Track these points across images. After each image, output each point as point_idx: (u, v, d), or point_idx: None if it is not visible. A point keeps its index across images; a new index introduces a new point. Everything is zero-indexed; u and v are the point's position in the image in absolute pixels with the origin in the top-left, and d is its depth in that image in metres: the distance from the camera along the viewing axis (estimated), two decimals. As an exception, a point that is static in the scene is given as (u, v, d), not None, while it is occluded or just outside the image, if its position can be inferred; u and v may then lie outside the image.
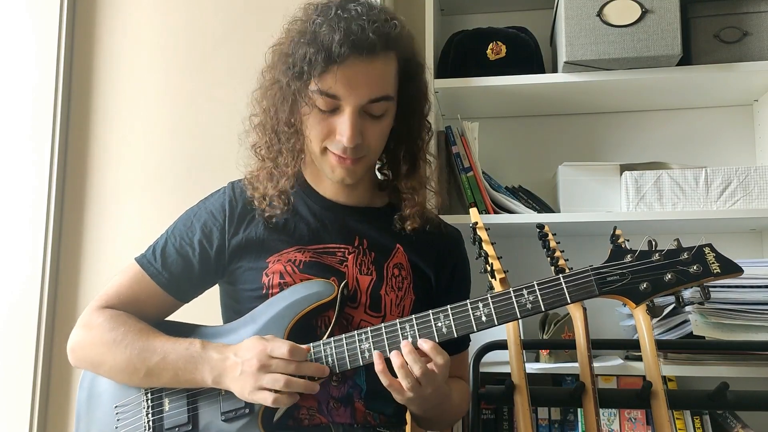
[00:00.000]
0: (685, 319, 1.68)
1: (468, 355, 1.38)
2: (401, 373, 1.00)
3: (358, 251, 1.18)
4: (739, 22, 1.83)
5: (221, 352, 1.06)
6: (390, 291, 1.17)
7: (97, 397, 1.18)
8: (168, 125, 2.04)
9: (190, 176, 1.99)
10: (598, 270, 1.01)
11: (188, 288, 1.21)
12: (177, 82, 2.05)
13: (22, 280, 1.99)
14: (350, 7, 1.09)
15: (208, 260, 1.19)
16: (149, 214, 1.98)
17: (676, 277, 0.98)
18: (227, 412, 1.08)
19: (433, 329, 1.03)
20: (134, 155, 2.04)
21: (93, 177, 2.05)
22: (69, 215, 2.04)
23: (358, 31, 1.05)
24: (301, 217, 1.20)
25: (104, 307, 1.17)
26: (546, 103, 2.02)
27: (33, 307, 1.97)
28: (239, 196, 1.22)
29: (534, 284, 1.02)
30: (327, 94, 1.08)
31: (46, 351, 1.97)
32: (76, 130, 2.07)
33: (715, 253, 0.99)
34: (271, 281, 1.15)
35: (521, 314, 1.01)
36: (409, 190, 1.20)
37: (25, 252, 2.00)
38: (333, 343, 1.06)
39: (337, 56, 1.04)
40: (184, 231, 1.21)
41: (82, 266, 2.02)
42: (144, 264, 1.19)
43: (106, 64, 2.09)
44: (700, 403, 1.56)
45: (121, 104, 2.07)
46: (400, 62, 1.13)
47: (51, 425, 1.96)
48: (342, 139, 1.09)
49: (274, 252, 1.16)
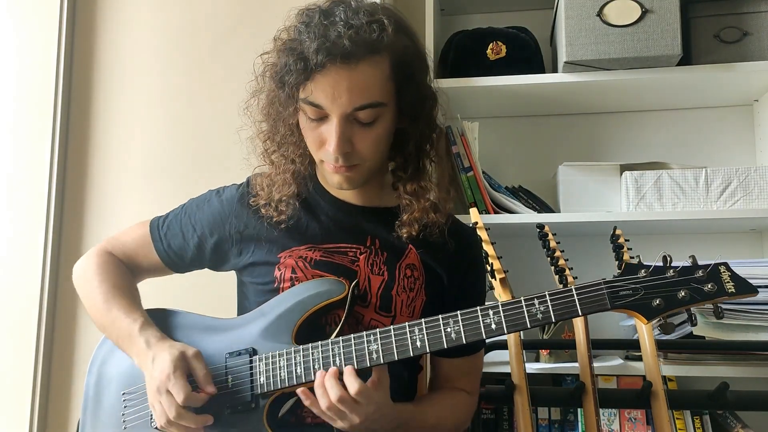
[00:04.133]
0: (686, 319, 1.68)
1: (477, 362, 1.28)
2: (318, 393, 1.01)
3: (370, 251, 1.18)
4: (739, 22, 1.83)
5: (148, 346, 1.11)
6: (401, 291, 1.16)
7: (106, 383, 1.21)
8: (168, 125, 2.04)
9: (190, 176, 1.99)
10: (610, 284, 0.99)
11: (180, 264, 1.28)
12: (177, 82, 2.05)
13: (22, 280, 1.99)
14: (335, 11, 1.07)
15: (203, 248, 1.24)
16: (149, 214, 1.98)
17: (690, 294, 0.97)
18: (233, 405, 1.09)
19: (442, 334, 1.02)
20: (134, 155, 2.04)
21: (93, 177, 2.05)
22: (69, 215, 2.04)
23: (335, 38, 1.02)
24: (313, 216, 1.20)
25: (107, 251, 1.29)
26: (546, 103, 2.02)
27: (33, 307, 1.97)
28: (252, 189, 1.24)
29: (546, 294, 1.00)
30: (311, 103, 1.07)
31: (46, 351, 1.97)
32: (76, 130, 2.07)
33: (730, 273, 0.98)
34: (283, 275, 1.16)
35: (531, 324, 1.00)
36: (411, 195, 1.17)
37: (25, 252, 2.00)
38: (341, 342, 1.06)
39: (315, 65, 1.03)
40: (193, 211, 1.26)
41: (82, 266, 2.02)
42: (152, 228, 1.28)
43: (106, 64, 2.09)
44: (700, 403, 1.56)
45: (121, 104, 2.07)
46: (393, 65, 1.08)
47: (51, 425, 1.96)
48: (329, 148, 1.08)
49: (285, 248, 1.17)
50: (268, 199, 1.18)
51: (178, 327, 1.20)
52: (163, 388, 1.06)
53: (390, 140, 1.15)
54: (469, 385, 1.26)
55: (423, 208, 1.16)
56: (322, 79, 1.04)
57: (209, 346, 1.15)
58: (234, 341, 1.14)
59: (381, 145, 1.13)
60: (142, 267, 1.29)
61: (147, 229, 1.28)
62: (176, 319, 1.21)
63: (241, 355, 1.11)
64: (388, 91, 1.09)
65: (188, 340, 1.17)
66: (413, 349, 1.02)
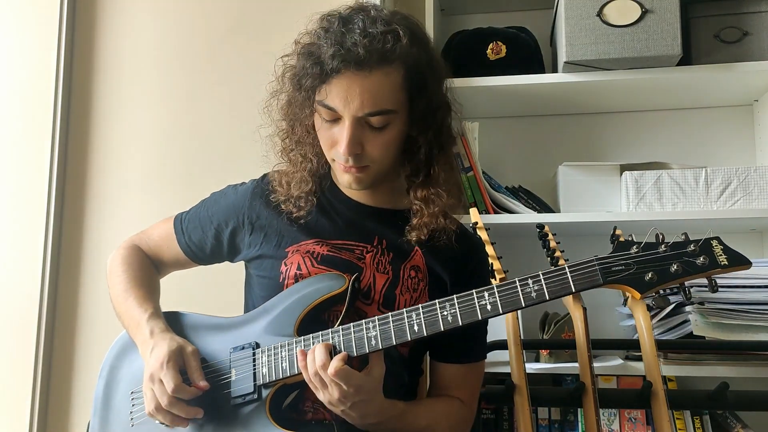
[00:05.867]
0: (685, 319, 1.68)
1: (476, 371, 1.26)
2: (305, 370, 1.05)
3: (377, 250, 1.20)
4: (739, 22, 1.83)
5: (151, 335, 1.16)
6: (405, 292, 1.18)
7: (115, 385, 1.24)
8: (168, 125, 2.04)
9: (190, 176, 1.99)
10: (603, 260, 1.01)
11: (202, 255, 1.33)
12: (177, 82, 2.05)
13: (22, 280, 1.99)
14: (354, 18, 1.10)
15: (221, 239, 1.29)
16: (149, 214, 1.98)
17: (682, 268, 0.98)
18: (236, 397, 1.12)
19: (438, 317, 1.03)
20: (134, 155, 2.05)
21: (93, 177, 2.05)
22: (69, 215, 2.04)
23: (350, 45, 1.06)
24: (325, 213, 1.24)
25: (135, 245, 1.37)
26: (546, 103, 2.02)
27: (33, 307, 1.97)
28: (267, 185, 1.28)
29: (539, 274, 1.03)
30: (326, 105, 1.11)
31: (46, 351, 1.97)
32: (76, 130, 2.07)
33: (722, 246, 0.99)
34: (288, 271, 1.18)
35: (526, 303, 1.02)
36: (421, 201, 1.19)
37: (25, 252, 2.00)
38: (341, 330, 1.07)
39: (330, 70, 1.07)
40: (212, 205, 1.32)
41: (82, 266, 2.02)
42: (175, 222, 1.34)
43: (106, 64, 2.09)
44: (700, 403, 1.56)
45: (121, 104, 2.07)
46: (405, 75, 1.11)
47: (51, 425, 1.96)
48: (340, 149, 1.12)
49: (294, 242, 1.20)
50: (287, 196, 1.23)
51: (185, 327, 1.23)
52: (156, 377, 1.09)
53: (400, 146, 1.18)
54: (466, 395, 1.25)
55: (432, 213, 1.19)
56: (337, 83, 1.08)
57: (216, 344, 1.18)
58: (238, 338, 1.17)
59: (390, 149, 1.16)
60: (166, 260, 1.36)
61: (171, 224, 1.34)
62: (186, 321, 1.25)
63: (245, 349, 1.14)
64: (399, 99, 1.12)
65: (195, 339, 1.19)
66: (411, 333, 1.04)
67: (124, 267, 1.30)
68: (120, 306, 1.26)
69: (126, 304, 1.25)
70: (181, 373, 1.10)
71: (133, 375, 1.21)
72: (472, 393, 1.27)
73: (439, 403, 1.23)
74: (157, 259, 1.37)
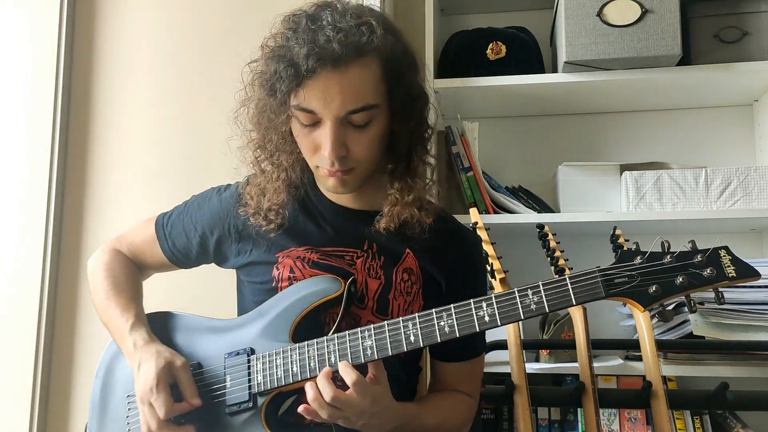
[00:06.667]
0: (685, 319, 1.68)
1: (476, 367, 1.26)
2: (315, 405, 1.00)
3: (367, 255, 1.18)
4: (739, 22, 1.83)
5: (134, 348, 1.14)
6: (398, 296, 1.16)
7: (111, 387, 1.22)
8: (168, 125, 2.04)
9: (190, 176, 1.99)
10: (605, 271, 0.97)
11: (187, 261, 1.30)
12: (177, 82, 2.05)
13: (22, 280, 1.99)
14: (322, 15, 1.06)
15: (206, 246, 1.26)
16: (149, 214, 1.97)
17: (688, 280, 0.94)
18: (231, 405, 1.10)
19: (435, 328, 1.02)
20: (134, 155, 2.05)
21: (93, 177, 2.05)
22: (69, 215, 2.04)
23: (324, 42, 1.02)
24: (312, 220, 1.20)
25: (116, 248, 1.33)
26: (546, 103, 2.02)
27: (33, 307, 1.97)
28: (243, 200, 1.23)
29: (539, 285, 0.99)
30: (304, 109, 1.06)
31: (46, 351, 1.97)
32: (76, 130, 2.07)
33: (731, 256, 0.94)
34: (281, 275, 1.16)
35: (525, 315, 0.99)
36: (396, 191, 1.16)
37: (25, 252, 2.00)
38: (336, 339, 1.06)
39: (305, 71, 1.03)
40: (195, 210, 1.28)
41: (82, 266, 2.02)
42: (157, 227, 1.30)
43: (106, 64, 2.09)
44: (700, 403, 1.56)
45: (121, 104, 2.07)
46: (383, 66, 1.07)
47: (51, 425, 1.96)
48: (325, 153, 1.08)
49: (283, 249, 1.18)
50: (257, 208, 1.18)
51: (179, 329, 1.21)
52: (146, 400, 1.08)
53: (384, 142, 1.14)
54: (469, 388, 1.25)
55: (407, 203, 1.15)
56: (314, 84, 1.03)
57: (209, 348, 1.16)
58: (233, 342, 1.15)
59: (375, 146, 1.12)
60: (149, 264, 1.33)
61: (153, 228, 1.30)
62: (177, 322, 1.22)
63: (239, 355, 1.12)
64: (380, 92, 1.08)
65: (189, 342, 1.17)
66: (407, 343, 1.02)
67: (105, 273, 1.27)
68: (103, 315, 1.25)
69: (108, 313, 1.22)
70: (172, 387, 1.09)
71: (129, 378, 1.19)
72: (476, 386, 1.28)
73: (448, 399, 1.23)
74: (139, 263, 1.33)
